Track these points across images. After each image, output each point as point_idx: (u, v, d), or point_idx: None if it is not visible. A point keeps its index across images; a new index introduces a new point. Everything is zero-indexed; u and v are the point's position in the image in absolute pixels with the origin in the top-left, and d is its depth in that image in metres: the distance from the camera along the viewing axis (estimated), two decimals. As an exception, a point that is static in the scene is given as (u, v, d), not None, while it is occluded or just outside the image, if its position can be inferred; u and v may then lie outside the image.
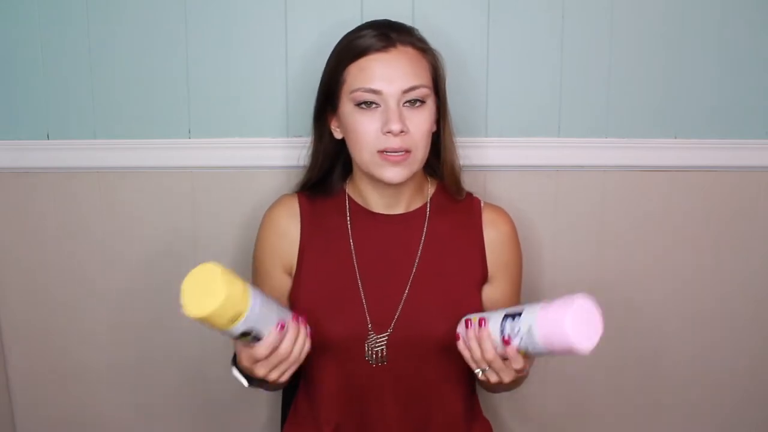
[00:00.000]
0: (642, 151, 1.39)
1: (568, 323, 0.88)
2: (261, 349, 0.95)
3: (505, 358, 0.98)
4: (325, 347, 1.11)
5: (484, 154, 1.36)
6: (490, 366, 0.99)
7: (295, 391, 1.25)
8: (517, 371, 0.99)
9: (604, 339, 0.90)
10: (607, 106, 1.38)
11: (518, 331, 0.94)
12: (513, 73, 1.36)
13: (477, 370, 1.01)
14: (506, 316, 0.97)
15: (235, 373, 1.05)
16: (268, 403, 1.47)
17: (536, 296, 1.40)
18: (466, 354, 1.02)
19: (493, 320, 0.98)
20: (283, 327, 0.96)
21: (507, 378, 1.00)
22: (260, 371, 0.98)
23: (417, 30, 1.12)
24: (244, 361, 1.00)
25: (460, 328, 1.04)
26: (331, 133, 1.15)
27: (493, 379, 1.00)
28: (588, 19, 1.34)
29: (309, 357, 1.17)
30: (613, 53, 1.36)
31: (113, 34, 1.33)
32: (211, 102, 1.36)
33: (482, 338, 0.98)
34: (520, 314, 0.95)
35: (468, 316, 1.04)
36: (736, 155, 1.40)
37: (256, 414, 1.48)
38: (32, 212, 1.40)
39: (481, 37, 1.34)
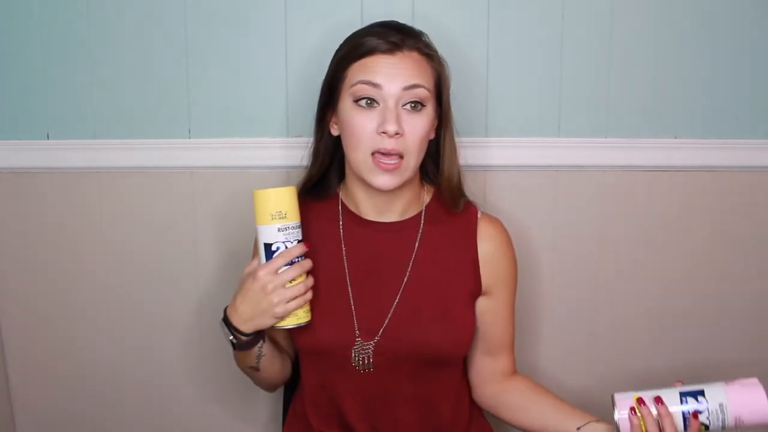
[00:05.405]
0: (642, 151, 1.39)
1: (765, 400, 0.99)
2: (284, 254, 1.03)
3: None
4: (313, 352, 1.12)
5: (484, 154, 1.36)
6: None
7: (294, 389, 1.25)
8: None
9: (603, 339, 0.90)
10: (607, 106, 1.38)
11: (705, 407, 1.01)
12: (513, 72, 1.36)
13: None
14: (683, 395, 1.02)
15: (225, 329, 1.07)
16: (268, 402, 1.47)
17: (536, 297, 1.40)
18: (626, 426, 1.02)
19: (669, 398, 1.02)
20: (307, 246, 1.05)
21: None
22: (270, 283, 1.02)
23: (426, 35, 1.11)
24: (250, 282, 1.04)
25: (624, 401, 1.04)
26: (330, 131, 1.14)
27: None
28: (588, 19, 1.34)
29: (300, 359, 1.17)
30: (613, 53, 1.36)
31: (113, 34, 1.33)
32: (211, 102, 1.36)
33: (663, 416, 1.00)
34: (701, 392, 1.01)
35: (638, 394, 1.04)
36: (736, 155, 1.40)
37: (256, 413, 1.48)
38: (32, 212, 1.40)
39: (481, 36, 1.34)
